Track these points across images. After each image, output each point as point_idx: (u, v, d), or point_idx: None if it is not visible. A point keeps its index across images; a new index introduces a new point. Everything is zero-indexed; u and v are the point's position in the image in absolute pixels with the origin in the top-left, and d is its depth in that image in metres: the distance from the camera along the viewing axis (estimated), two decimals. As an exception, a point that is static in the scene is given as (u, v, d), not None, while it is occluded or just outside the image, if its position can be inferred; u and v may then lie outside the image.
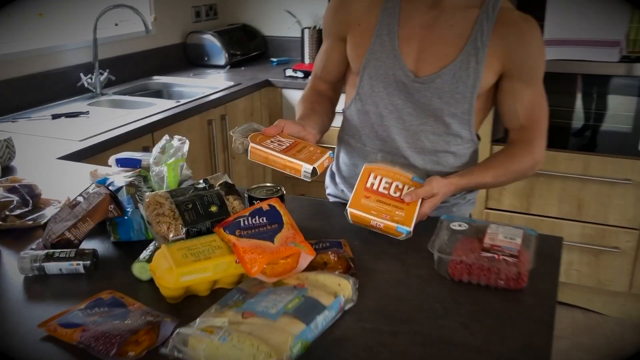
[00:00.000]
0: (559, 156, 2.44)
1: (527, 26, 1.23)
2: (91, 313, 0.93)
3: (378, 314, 0.95)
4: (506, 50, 1.22)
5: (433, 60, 1.25)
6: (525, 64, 1.23)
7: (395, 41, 1.27)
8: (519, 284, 1.00)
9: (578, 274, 2.57)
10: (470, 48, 1.23)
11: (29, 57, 2.35)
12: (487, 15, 1.22)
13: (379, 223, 1.14)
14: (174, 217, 1.07)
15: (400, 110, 1.31)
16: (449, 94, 1.26)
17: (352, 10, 1.32)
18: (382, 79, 1.29)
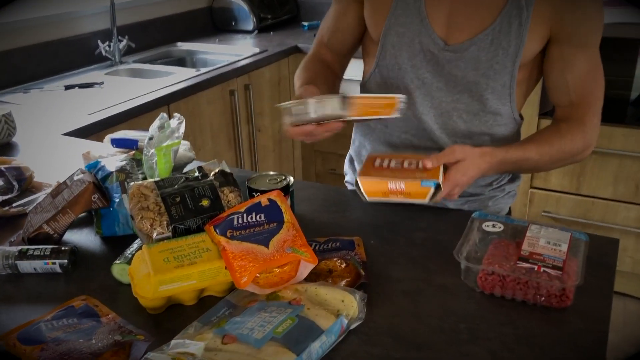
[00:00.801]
0: (616, 131, 2.20)
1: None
2: (56, 327, 0.81)
3: (389, 336, 0.79)
4: (556, 10, 1.02)
5: (467, 24, 1.06)
6: (579, 26, 1.03)
7: (422, 3, 1.08)
8: (563, 302, 0.83)
9: (632, 262, 2.34)
10: (511, 8, 1.03)
11: (44, 24, 2.24)
12: None
13: (398, 185, 0.94)
14: (159, 212, 0.93)
15: (428, 85, 1.12)
16: (487, 64, 1.07)
17: None
18: (406, 49, 1.11)
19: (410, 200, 0.95)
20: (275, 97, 2.63)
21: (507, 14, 1.04)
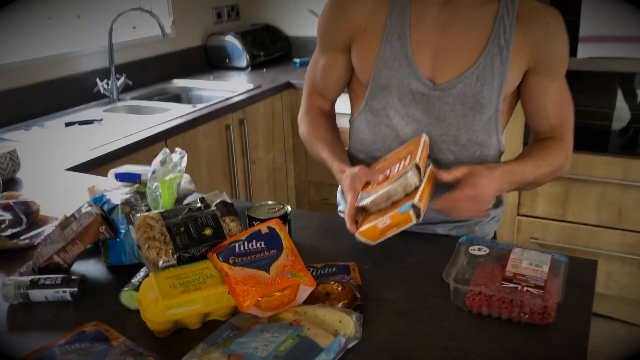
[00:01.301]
0: (598, 160, 2.28)
1: (552, 18, 1.12)
2: (70, 350, 0.85)
3: (384, 354, 0.85)
4: (533, 46, 1.11)
5: (452, 64, 1.14)
6: (552, 59, 1.14)
7: (408, 46, 1.15)
8: (546, 319, 0.89)
9: (619, 285, 2.41)
10: (492, 47, 1.11)
11: (44, 64, 2.31)
12: (507, 9, 1.11)
13: (385, 221, 1.01)
14: (165, 241, 0.99)
15: (418, 121, 1.19)
16: (474, 98, 1.14)
17: (355, 17, 1.19)
18: (396, 90, 1.18)
19: (404, 227, 1.01)
20: (269, 131, 2.70)
21: (489, 52, 1.12)
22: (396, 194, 1.02)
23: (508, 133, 2.36)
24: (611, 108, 2.35)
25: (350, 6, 1.20)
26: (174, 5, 2.90)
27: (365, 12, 1.19)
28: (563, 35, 1.13)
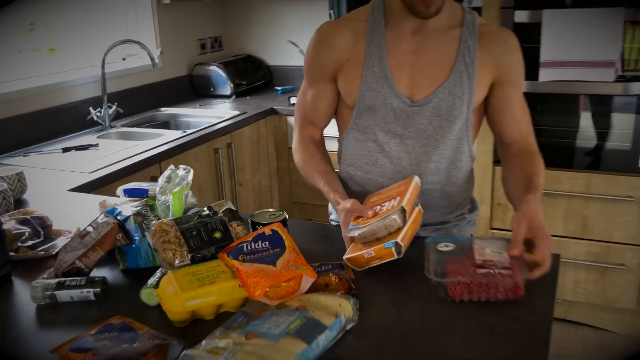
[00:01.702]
0: (562, 175, 2.47)
1: (507, 36, 1.31)
2: (101, 338, 0.96)
3: (378, 334, 0.98)
4: (495, 61, 1.29)
5: (426, 82, 1.30)
6: (513, 69, 1.31)
7: (387, 70, 1.31)
8: (518, 293, 1.03)
9: (586, 292, 2.57)
10: (460, 65, 1.28)
11: (40, 93, 2.43)
12: (469, 32, 1.29)
13: (369, 253, 1.13)
14: (180, 244, 1.11)
15: (400, 135, 1.34)
16: (447, 111, 1.30)
17: (338, 49, 1.34)
18: (379, 109, 1.33)
19: (385, 260, 1.12)
20: (254, 154, 2.84)
21: (458, 70, 1.28)
22: (380, 232, 1.14)
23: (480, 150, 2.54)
24: (575, 127, 2.54)
25: (333, 41, 1.35)
26: (161, 37, 3.04)
27: (347, 44, 1.34)
28: (518, 50, 1.32)
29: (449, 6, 1.29)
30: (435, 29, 1.29)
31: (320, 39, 1.37)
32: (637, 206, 2.39)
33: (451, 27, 1.30)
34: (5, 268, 1.21)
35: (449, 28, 1.30)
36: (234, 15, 3.57)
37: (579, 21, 2.24)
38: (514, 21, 2.36)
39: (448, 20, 1.29)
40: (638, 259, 2.44)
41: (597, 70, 2.24)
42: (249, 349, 0.87)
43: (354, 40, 1.33)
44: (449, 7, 1.29)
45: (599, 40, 2.22)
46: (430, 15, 1.23)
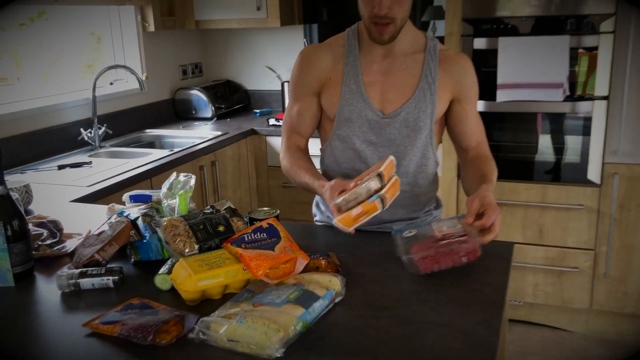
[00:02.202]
0: (520, 187, 2.70)
1: (464, 60, 1.54)
2: (126, 313, 1.13)
3: (363, 305, 1.16)
4: (453, 80, 1.51)
5: (396, 98, 1.51)
6: (468, 88, 1.54)
7: (362, 87, 1.52)
8: (477, 253, 1.24)
9: (544, 294, 2.79)
10: (424, 84, 1.50)
11: (34, 115, 2.57)
12: (431, 56, 1.51)
13: (357, 210, 1.27)
14: (188, 236, 1.28)
15: (374, 143, 1.55)
16: (414, 122, 1.51)
17: (320, 69, 1.55)
18: (356, 121, 1.54)
19: (372, 215, 1.28)
20: (236, 172, 3.02)
21: (422, 88, 1.50)
22: (362, 196, 1.33)
23: (446, 165, 2.77)
24: (530, 143, 2.79)
25: (315, 62, 1.57)
26: (146, 63, 3.22)
27: (328, 65, 1.56)
28: (473, 72, 1.55)
29: (412, 34, 1.52)
30: (402, 53, 1.52)
31: (305, 60, 1.58)
32: (588, 213, 2.64)
33: (415, 52, 1.52)
34: (30, 263, 1.36)
35: (413, 53, 1.52)
36: (214, 43, 3.78)
37: (530, 47, 2.50)
38: (474, 48, 2.61)
39: (412, 46, 1.52)
40: (590, 262, 2.68)
41: (547, 91, 2.50)
42: (257, 314, 1.04)
43: (334, 61, 1.55)
44: (412, 35, 1.52)
45: (548, 64, 2.48)
46: (384, 42, 1.45)
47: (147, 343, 1.03)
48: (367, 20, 1.44)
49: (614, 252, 2.64)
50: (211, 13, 3.31)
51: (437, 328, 1.08)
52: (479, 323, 1.09)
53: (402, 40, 1.49)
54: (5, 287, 1.31)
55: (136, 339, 1.04)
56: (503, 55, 2.53)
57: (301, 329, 1.03)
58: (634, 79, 2.45)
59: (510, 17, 2.56)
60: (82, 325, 1.11)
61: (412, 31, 1.52)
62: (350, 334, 1.06)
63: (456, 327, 1.08)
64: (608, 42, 2.44)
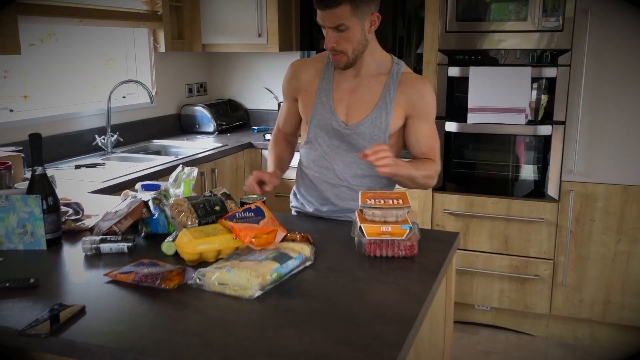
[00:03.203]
0: (488, 201, 3.00)
1: (421, 83, 1.82)
2: (137, 266, 1.42)
3: (328, 269, 1.45)
4: (409, 100, 1.79)
5: (358, 113, 1.81)
6: (421, 108, 1.80)
7: (331, 101, 1.83)
8: (413, 251, 1.52)
9: (509, 300, 3.07)
10: (382, 103, 1.79)
11: (55, 121, 2.89)
12: (392, 79, 1.80)
13: (387, 227, 1.50)
14: (191, 212, 1.58)
15: (337, 147, 1.86)
16: (370, 136, 1.81)
17: (301, 80, 1.89)
18: (323, 128, 1.85)
19: (394, 238, 1.51)
20: (233, 181, 3.32)
21: (380, 107, 1.79)
22: (390, 217, 1.52)
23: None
24: (497, 161, 3.10)
25: (298, 74, 1.90)
26: (155, 80, 3.55)
27: (308, 78, 1.88)
28: (429, 94, 1.81)
29: (380, 58, 1.82)
30: (368, 75, 1.82)
31: (291, 71, 1.94)
32: (547, 226, 2.93)
33: (380, 74, 1.82)
34: (59, 232, 1.66)
35: (378, 75, 1.82)
36: (218, 64, 4.12)
37: (497, 76, 2.83)
38: (448, 75, 2.94)
39: (378, 68, 1.82)
40: (549, 271, 2.97)
41: (511, 115, 2.82)
42: (242, 266, 1.34)
43: (314, 75, 1.87)
44: (380, 59, 1.82)
45: (512, 91, 2.80)
46: (341, 68, 1.78)
47: (155, 286, 1.32)
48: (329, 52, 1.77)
49: (571, 262, 2.93)
50: (216, 38, 3.65)
51: (383, 284, 1.37)
52: (416, 282, 1.38)
53: (369, 63, 1.80)
54: (40, 250, 1.60)
55: (146, 283, 1.33)
56: (473, 82, 2.85)
57: (276, 278, 1.33)
58: (587, 106, 2.77)
59: (480, 50, 2.89)
60: (103, 275, 1.40)
61: (380, 56, 1.83)
62: (314, 286, 1.36)
63: (398, 284, 1.38)
64: (565, 74, 2.77)
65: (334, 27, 1.68)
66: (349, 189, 1.86)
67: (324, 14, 1.68)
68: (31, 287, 1.35)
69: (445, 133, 3.00)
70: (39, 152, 1.63)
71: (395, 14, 3.64)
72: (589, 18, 2.68)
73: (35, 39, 2.97)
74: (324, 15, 1.68)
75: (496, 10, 2.86)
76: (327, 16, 1.67)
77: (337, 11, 1.65)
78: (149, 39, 3.50)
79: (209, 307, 1.25)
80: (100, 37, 3.34)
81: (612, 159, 2.79)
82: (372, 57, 1.80)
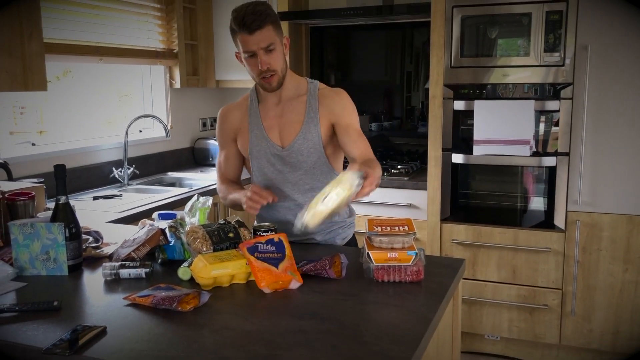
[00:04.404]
0: (495, 231, 3.05)
1: (337, 92, 1.96)
2: (155, 290, 1.49)
3: (337, 292, 1.51)
4: (329, 110, 1.92)
5: (289, 134, 1.93)
6: (342, 112, 1.92)
7: (263, 130, 1.96)
8: (419, 276, 1.57)
9: (518, 330, 3.09)
10: (307, 119, 1.91)
11: (74, 154, 3.00)
12: (311, 95, 1.93)
13: (393, 254, 1.56)
14: (206, 239, 1.66)
15: (281, 170, 1.96)
16: (306, 150, 1.92)
17: (233, 122, 2.01)
18: (264, 156, 1.96)
19: (401, 263, 1.58)
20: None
21: (307, 122, 1.90)
22: (397, 244, 1.59)
23: (430, 210, 3.13)
24: (504, 192, 3.15)
25: (229, 118, 2.02)
26: (171, 115, 3.68)
27: (237, 118, 2.01)
28: (346, 99, 1.93)
29: (296, 82, 1.96)
30: (289, 98, 1.95)
31: (222, 118, 2.06)
32: (554, 256, 2.97)
33: (299, 95, 1.95)
34: (80, 258, 1.73)
35: (297, 96, 1.95)
36: (231, 99, 4.24)
37: (501, 109, 2.91)
38: (454, 109, 3.03)
39: (296, 91, 1.95)
40: (558, 301, 2.99)
41: (516, 147, 2.89)
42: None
43: (241, 115, 2.01)
44: (296, 83, 1.96)
45: (516, 124, 2.88)
46: (275, 89, 1.88)
47: (172, 308, 1.39)
48: (257, 78, 1.87)
49: (579, 291, 2.96)
50: (230, 74, 3.79)
51: (390, 307, 1.43)
52: (423, 305, 1.44)
53: (288, 88, 1.94)
54: (62, 275, 1.68)
55: (164, 306, 1.40)
56: (478, 115, 2.94)
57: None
58: (590, 138, 2.84)
59: (485, 84, 2.98)
60: (122, 298, 1.47)
61: (295, 80, 1.97)
62: (324, 309, 1.41)
63: (405, 306, 1.43)
64: (567, 107, 2.85)
65: (264, 47, 1.79)
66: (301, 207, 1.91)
67: (254, 37, 1.78)
68: (54, 310, 1.42)
69: (452, 164, 3.07)
70: (63, 182, 1.73)
71: (403, 50, 3.76)
72: (589, 53, 2.77)
73: (51, 76, 3.11)
74: (253, 40, 1.78)
75: (504, 45, 2.96)
76: (258, 38, 1.78)
77: (265, 32, 1.78)
78: (165, 76, 3.64)
79: (223, 328, 1.32)
80: (115, 73, 3.48)
81: (616, 189, 2.84)
82: (290, 81, 1.94)
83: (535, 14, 2.84)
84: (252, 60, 1.83)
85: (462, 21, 2.99)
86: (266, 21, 1.78)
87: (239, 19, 1.78)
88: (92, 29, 3.04)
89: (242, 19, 1.77)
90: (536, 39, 2.86)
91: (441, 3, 3.00)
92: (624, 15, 2.72)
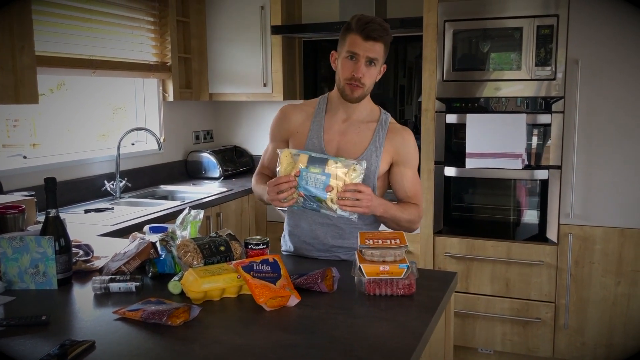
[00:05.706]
0: (487, 244, 3.05)
1: (406, 133, 1.94)
2: (145, 304, 1.48)
3: (328, 306, 1.50)
4: (394, 147, 1.90)
5: (346, 154, 1.89)
6: (406, 155, 1.91)
7: (322, 142, 1.92)
8: (411, 289, 1.57)
9: (511, 344, 3.08)
10: (372, 147, 1.89)
11: (66, 167, 2.99)
12: (381, 126, 1.91)
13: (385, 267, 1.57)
14: (197, 252, 1.65)
15: None
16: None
17: (292, 122, 1.98)
18: None
19: (392, 277, 1.58)
20: (238, 225, 3.39)
21: (370, 149, 1.89)
22: (388, 257, 1.59)
23: (423, 223, 3.13)
24: (496, 205, 3.16)
25: (289, 117, 1.99)
26: (164, 128, 3.67)
27: (298, 121, 1.97)
28: (412, 143, 1.93)
29: (370, 107, 1.94)
30: (358, 121, 1.93)
31: (282, 114, 2.02)
32: (547, 269, 2.97)
33: (370, 121, 1.93)
34: (70, 272, 1.72)
35: (367, 122, 1.93)
36: (224, 112, 4.25)
37: (493, 123, 2.93)
38: (446, 122, 3.04)
39: (368, 116, 1.93)
40: (551, 314, 2.99)
41: (508, 160, 2.90)
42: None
43: (304, 119, 1.97)
44: (370, 108, 1.94)
45: (508, 137, 2.89)
46: (354, 100, 1.86)
47: (162, 323, 1.38)
48: (342, 82, 1.85)
49: (572, 304, 2.95)
50: (223, 87, 3.79)
51: (381, 320, 1.42)
52: (414, 319, 1.43)
53: (361, 110, 1.92)
54: (51, 289, 1.66)
55: (154, 320, 1.39)
56: (471, 129, 2.95)
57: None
58: (581, 151, 2.86)
59: (477, 98, 3.00)
60: (112, 312, 1.46)
61: (370, 105, 1.95)
62: (315, 323, 1.41)
63: (396, 320, 1.43)
64: (559, 120, 2.87)
65: (369, 59, 1.80)
66: (336, 227, 1.92)
67: (366, 44, 1.78)
68: (43, 324, 1.40)
69: (445, 177, 3.08)
70: (53, 195, 1.72)
71: (396, 64, 3.78)
72: (580, 67, 2.79)
73: (45, 89, 3.11)
74: (365, 46, 1.78)
75: (496, 59, 2.98)
76: (369, 47, 1.78)
77: (377, 45, 1.79)
78: (158, 89, 3.64)
79: (213, 343, 1.30)
80: (109, 86, 3.48)
81: (608, 202, 2.85)
82: (365, 105, 1.92)
83: (526, 29, 2.87)
84: (350, 62, 1.81)
85: (454, 35, 3.01)
86: (384, 38, 1.79)
87: (362, 22, 1.79)
88: (86, 42, 3.04)
89: (365, 24, 1.78)
90: (527, 53, 2.88)
91: (433, 17, 3.03)
92: (613, 30, 2.75)
